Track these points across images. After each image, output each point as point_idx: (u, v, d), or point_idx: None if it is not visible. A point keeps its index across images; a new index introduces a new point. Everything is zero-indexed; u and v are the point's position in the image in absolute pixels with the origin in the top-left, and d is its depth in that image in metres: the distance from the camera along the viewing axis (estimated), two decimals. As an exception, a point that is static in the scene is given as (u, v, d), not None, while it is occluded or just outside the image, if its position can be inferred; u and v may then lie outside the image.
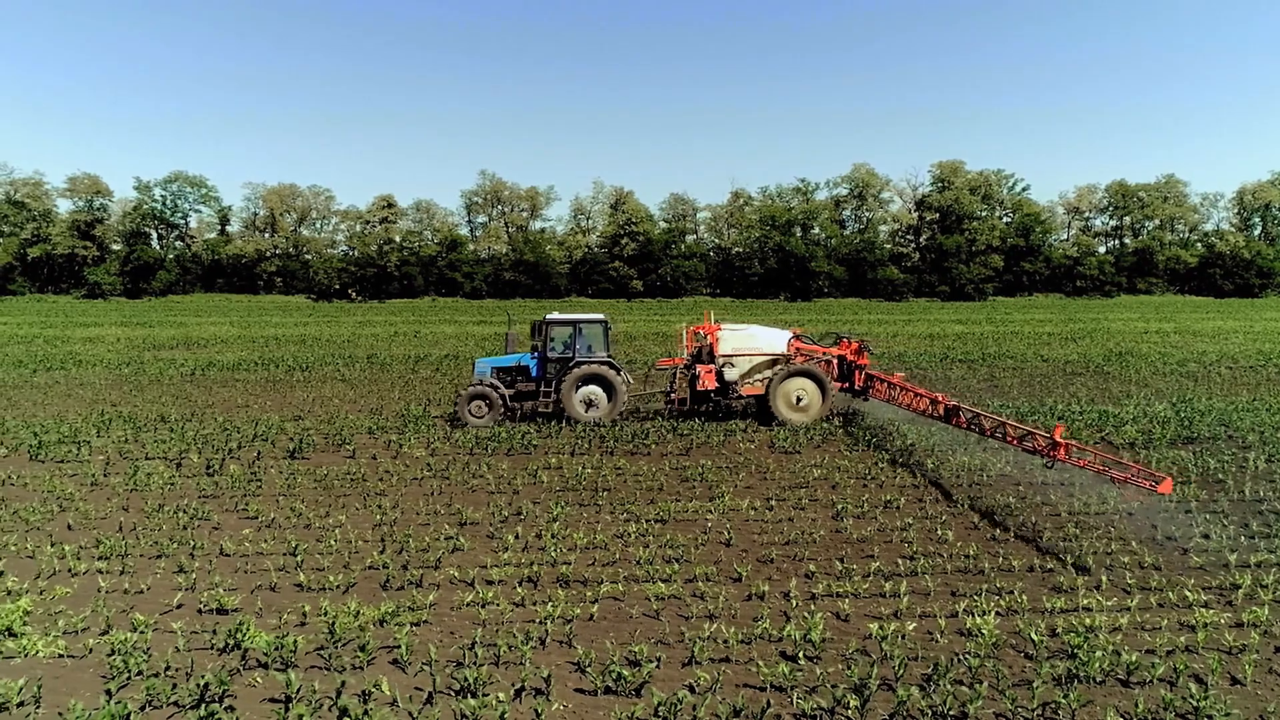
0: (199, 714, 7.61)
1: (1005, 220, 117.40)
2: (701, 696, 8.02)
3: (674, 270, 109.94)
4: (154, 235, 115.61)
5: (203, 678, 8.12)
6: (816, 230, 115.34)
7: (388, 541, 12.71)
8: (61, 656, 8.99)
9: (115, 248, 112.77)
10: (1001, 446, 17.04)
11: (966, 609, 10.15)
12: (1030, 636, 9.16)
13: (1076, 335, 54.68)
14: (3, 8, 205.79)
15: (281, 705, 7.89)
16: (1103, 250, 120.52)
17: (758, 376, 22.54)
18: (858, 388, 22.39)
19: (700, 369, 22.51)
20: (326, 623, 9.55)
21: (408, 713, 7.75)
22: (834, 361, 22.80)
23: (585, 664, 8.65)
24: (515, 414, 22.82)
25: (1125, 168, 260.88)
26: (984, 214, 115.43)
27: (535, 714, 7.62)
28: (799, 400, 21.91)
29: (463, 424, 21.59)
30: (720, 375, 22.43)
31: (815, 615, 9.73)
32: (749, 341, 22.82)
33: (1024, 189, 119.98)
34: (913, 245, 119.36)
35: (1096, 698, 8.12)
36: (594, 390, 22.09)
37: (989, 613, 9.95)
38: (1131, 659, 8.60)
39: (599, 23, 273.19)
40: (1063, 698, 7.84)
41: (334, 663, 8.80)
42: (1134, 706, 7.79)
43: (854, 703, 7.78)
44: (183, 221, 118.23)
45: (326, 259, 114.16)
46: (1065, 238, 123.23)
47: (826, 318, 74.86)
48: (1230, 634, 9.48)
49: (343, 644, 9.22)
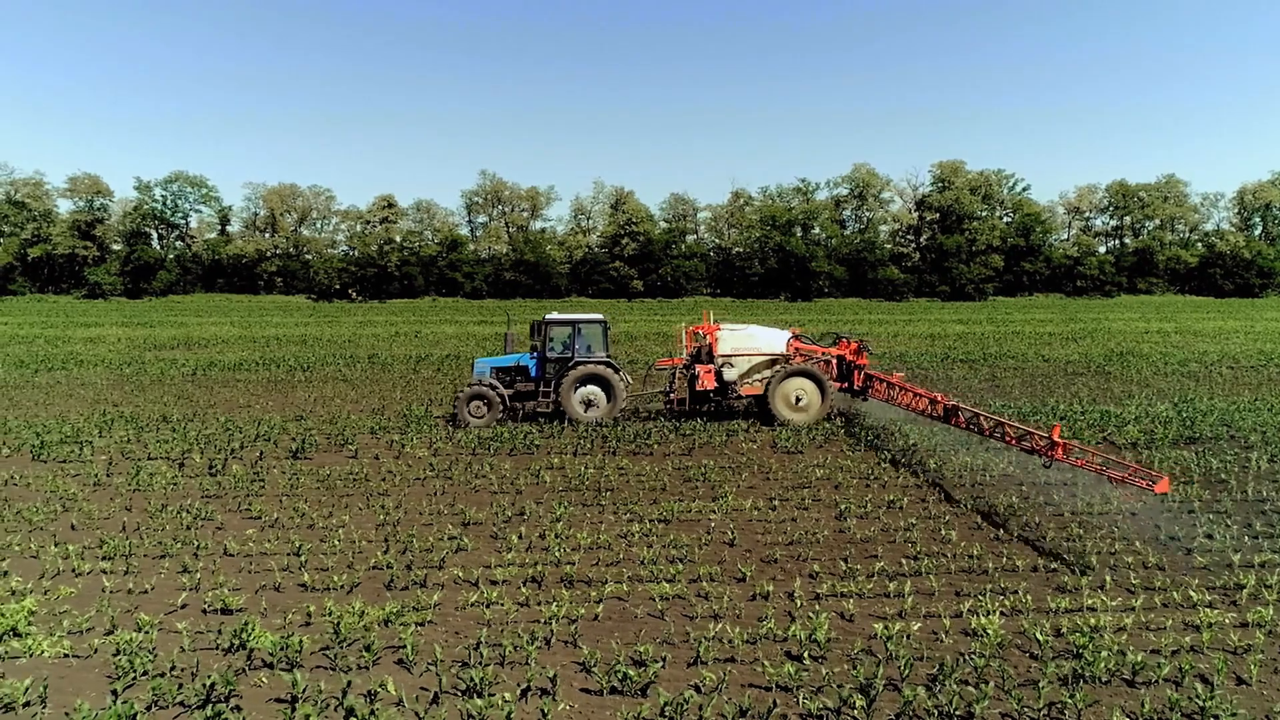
0: (205, 714, 7.61)
1: (1005, 220, 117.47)
2: (707, 696, 8.02)
3: (674, 270, 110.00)
4: (154, 235, 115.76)
5: (209, 678, 8.13)
6: (817, 230, 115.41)
7: (391, 541, 12.71)
8: (67, 656, 8.98)
9: (116, 248, 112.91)
10: (1003, 446, 17.04)
11: (971, 609, 10.15)
12: (1035, 636, 9.15)
13: (1077, 335, 54.68)
14: (3, 8, 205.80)
15: (287, 705, 7.89)
16: (1103, 250, 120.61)
17: (757, 377, 22.53)
18: (857, 388, 22.38)
19: (699, 369, 22.50)
20: (331, 623, 9.54)
21: (414, 713, 7.75)
22: (833, 361, 22.80)
23: (590, 664, 8.64)
24: (517, 414, 22.83)
25: (1125, 168, 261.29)
26: (984, 214, 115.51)
27: (541, 714, 7.63)
28: (798, 400, 21.90)
29: (462, 424, 21.60)
30: (719, 375, 22.42)
31: (820, 615, 9.72)
32: (748, 341, 22.81)
33: (1024, 189, 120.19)
34: (913, 245, 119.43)
35: (1102, 698, 8.12)
36: (593, 390, 22.08)
37: (994, 613, 9.95)
38: (1137, 659, 8.60)
39: (599, 23, 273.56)
40: (1068, 698, 7.84)
41: (339, 663, 8.79)
42: (1140, 707, 7.79)
43: (860, 703, 7.78)
44: (183, 221, 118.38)
45: (327, 259, 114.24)
46: (1065, 238, 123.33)
47: (827, 318, 74.86)
48: (1235, 634, 9.48)
49: (348, 644, 9.22)
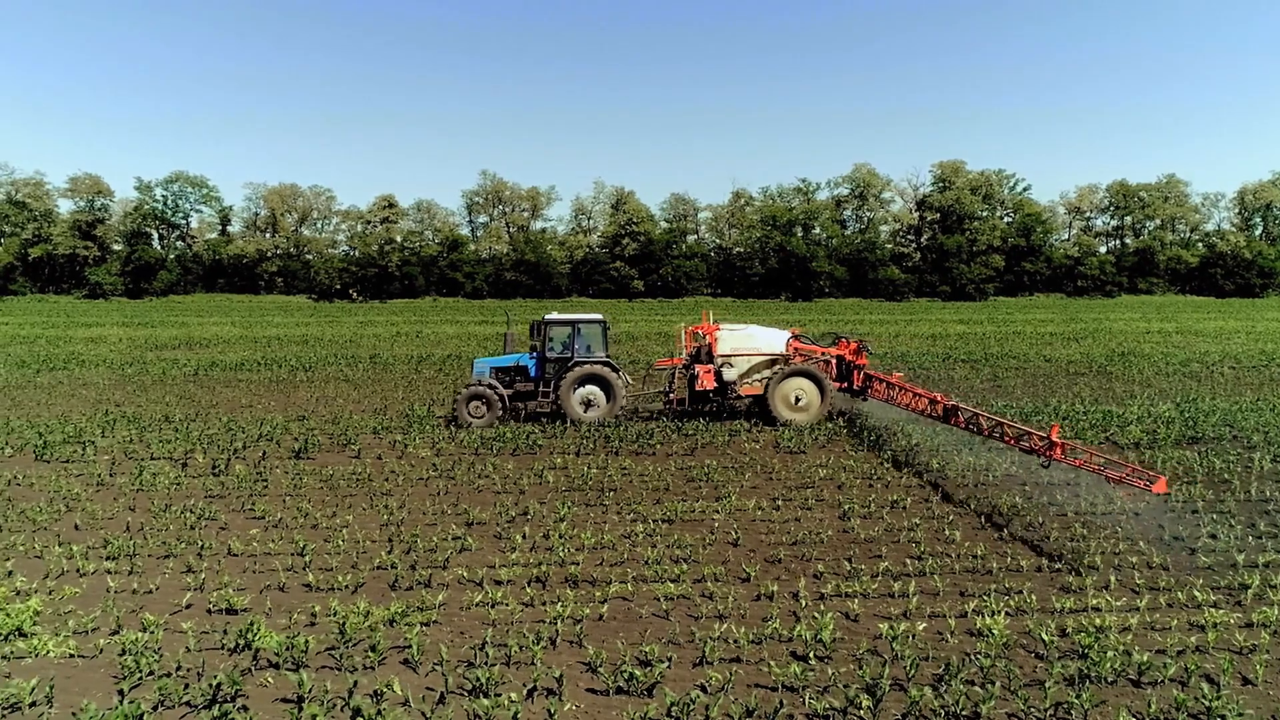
0: (212, 714, 7.61)
1: (1006, 220, 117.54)
2: (713, 697, 8.02)
3: (675, 270, 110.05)
4: (155, 235, 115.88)
5: (215, 678, 8.13)
6: (817, 230, 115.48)
7: (395, 541, 12.71)
8: (72, 656, 8.98)
9: (116, 248, 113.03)
10: (1005, 447, 17.04)
11: (976, 609, 10.14)
12: (1040, 637, 9.15)
13: (1078, 335, 54.69)
14: (3, 8, 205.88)
15: (294, 705, 7.89)
16: (1104, 250, 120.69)
17: (756, 377, 22.52)
18: (856, 387, 22.38)
19: (699, 369, 22.49)
20: (336, 623, 9.54)
21: (420, 713, 7.75)
22: (832, 361, 22.80)
23: (596, 664, 8.64)
24: (520, 414, 22.83)
25: (1126, 168, 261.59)
26: (985, 214, 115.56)
27: (548, 714, 7.63)
28: (797, 400, 21.90)
29: (462, 424, 21.58)
30: (719, 375, 22.41)
31: (825, 615, 9.70)
32: (747, 341, 22.81)
33: (1025, 189, 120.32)
34: (914, 245, 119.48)
35: (1109, 698, 8.12)
36: (593, 390, 22.07)
37: (999, 613, 9.95)
38: (1142, 659, 8.59)
39: (599, 23, 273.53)
40: (1075, 698, 7.83)
41: (345, 663, 8.79)
42: (1146, 707, 7.78)
43: (866, 703, 7.78)
44: (184, 221, 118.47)
45: (327, 259, 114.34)
46: (1066, 238, 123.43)
47: (828, 318, 74.88)
48: (1240, 634, 9.47)
49: (353, 644, 9.22)
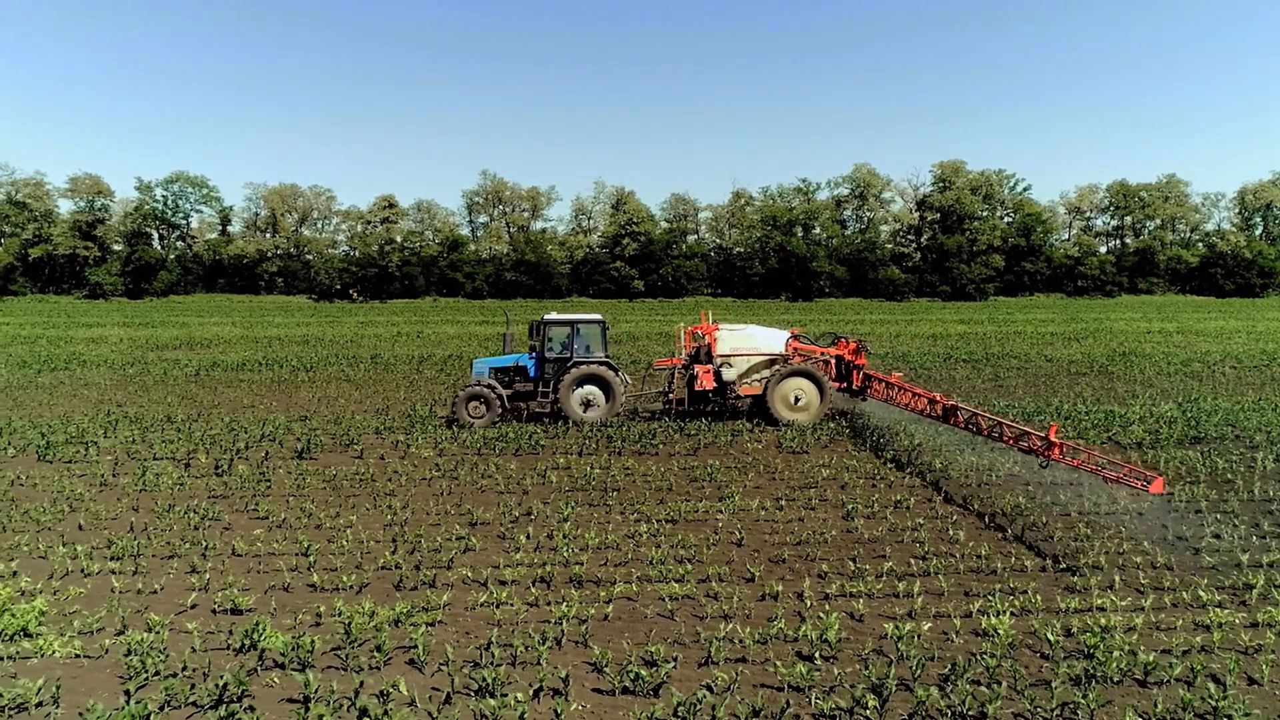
0: (218, 714, 7.61)
1: (1006, 220, 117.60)
2: (720, 697, 8.01)
3: (675, 270, 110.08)
4: (155, 235, 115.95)
5: (221, 678, 8.12)
6: (818, 230, 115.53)
7: (399, 542, 12.71)
8: (78, 656, 8.98)
9: (116, 248, 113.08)
10: (1008, 447, 17.04)
11: (981, 609, 10.14)
12: (1046, 637, 9.15)
13: (1079, 335, 54.70)
14: (3, 8, 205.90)
15: (300, 705, 7.89)
16: (1104, 250, 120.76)
17: (756, 377, 22.52)
18: (855, 387, 22.39)
19: (698, 369, 22.48)
20: (342, 623, 9.55)
21: (427, 713, 7.75)
22: (831, 361, 22.81)
23: (602, 664, 8.64)
24: (522, 414, 22.82)
25: (1126, 168, 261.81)
26: (985, 214, 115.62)
27: (555, 714, 7.63)
28: (797, 400, 21.90)
29: (462, 425, 21.55)
30: (718, 375, 22.42)
31: (830, 615, 9.71)
32: (747, 341, 22.81)
33: (1025, 189, 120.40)
34: (914, 245, 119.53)
35: (1115, 698, 8.12)
36: (592, 390, 22.06)
37: (1004, 613, 9.95)
38: (1148, 659, 8.59)
39: (599, 23, 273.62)
40: (1081, 698, 7.84)
41: (351, 663, 8.79)
42: (1153, 707, 7.78)
43: (873, 703, 7.78)
44: (184, 222, 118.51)
45: (328, 259, 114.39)
46: (1066, 238, 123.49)
47: (828, 318, 74.89)
48: (1246, 634, 9.47)
49: (359, 644, 9.22)
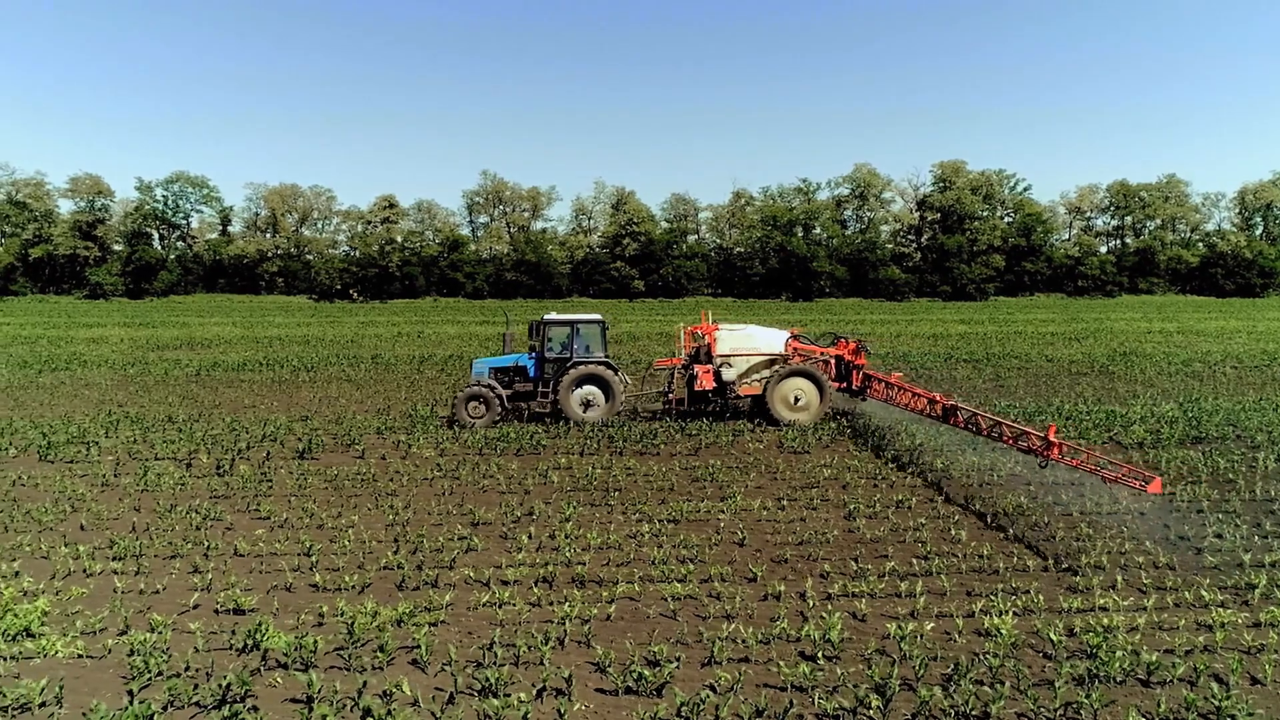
0: (222, 714, 7.61)
1: (1007, 220, 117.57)
2: (723, 697, 8.01)
3: (675, 270, 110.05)
4: (155, 236, 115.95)
5: (224, 678, 8.13)
6: (818, 230, 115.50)
7: (401, 542, 12.71)
8: (81, 657, 8.98)
9: (117, 248, 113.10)
10: (1009, 446, 17.03)
11: (983, 609, 10.14)
12: (1049, 636, 9.15)
13: (1080, 335, 54.68)
14: (3, 8, 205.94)
15: (304, 705, 7.89)
16: (1104, 250, 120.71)
17: (755, 377, 22.52)
18: (855, 387, 22.39)
19: (698, 369, 22.48)
20: (344, 623, 9.55)
21: (430, 713, 7.75)
22: (831, 361, 22.81)
23: (605, 664, 8.64)
24: (523, 414, 22.81)
25: (1126, 167, 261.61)
26: (985, 214, 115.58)
27: (558, 714, 7.63)
28: (797, 400, 21.90)
29: (461, 425, 21.52)
30: (718, 375, 22.42)
31: (832, 615, 9.71)
32: (746, 341, 22.81)
33: (1025, 189, 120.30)
34: (914, 245, 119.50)
35: (1118, 698, 8.12)
36: (591, 390, 22.05)
37: (1006, 613, 9.95)
38: (1151, 659, 8.59)
39: (599, 23, 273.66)
40: (1084, 697, 7.84)
41: (354, 663, 8.79)
42: (1156, 707, 7.78)
43: (876, 702, 7.78)
44: (184, 222, 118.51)
45: (328, 259, 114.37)
46: (1067, 238, 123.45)
47: (828, 318, 74.87)
48: (1249, 634, 9.47)
49: (361, 644, 9.22)
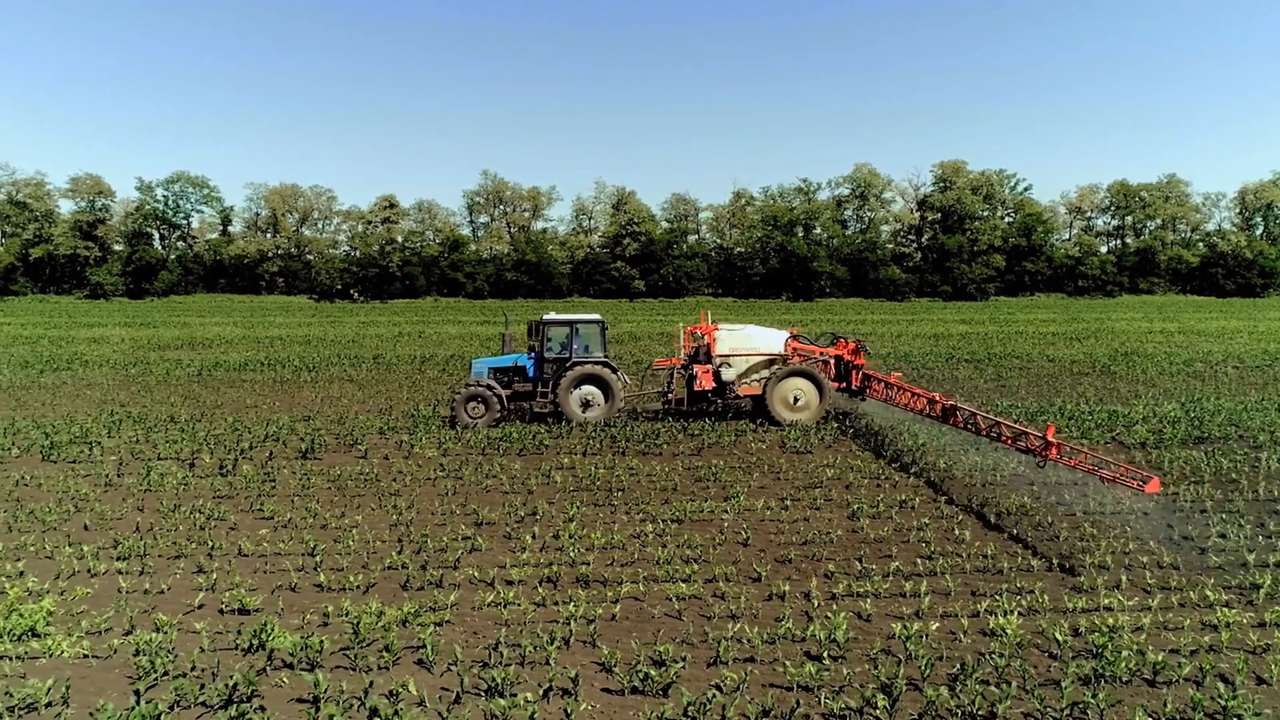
0: (229, 714, 7.62)
1: (1007, 220, 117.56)
2: (730, 696, 8.01)
3: (676, 270, 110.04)
4: (156, 236, 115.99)
5: (230, 678, 8.13)
6: (818, 230, 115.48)
7: (405, 542, 12.71)
8: (87, 657, 8.98)
9: (117, 248, 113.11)
10: (1007, 446, 17.02)
11: (988, 609, 10.15)
12: (1054, 636, 9.14)
13: (1081, 335, 54.67)
14: (3, 8, 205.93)
15: (310, 705, 7.89)
16: (1105, 250, 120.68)
17: (755, 377, 22.52)
18: (854, 387, 22.39)
19: (697, 369, 22.48)
20: (349, 623, 9.55)
21: (437, 713, 7.75)
22: (830, 361, 22.81)
23: (611, 664, 8.64)
24: (525, 414, 22.80)
25: (1127, 167, 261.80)
26: (986, 214, 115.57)
27: (564, 714, 7.63)
28: (796, 400, 21.90)
29: (461, 425, 21.48)
30: (717, 375, 22.42)
31: (837, 615, 9.70)
32: (746, 341, 22.81)
33: (1026, 189, 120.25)
34: (915, 245, 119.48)
35: (1124, 697, 8.12)
36: (591, 390, 22.04)
37: (1011, 613, 9.95)
38: (1157, 659, 8.59)
39: (599, 23, 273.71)
40: (1091, 697, 7.83)
41: (359, 663, 8.79)
42: (1162, 706, 7.79)
43: (883, 702, 7.78)
44: (185, 222, 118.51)
45: (328, 259, 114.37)
46: (1067, 237, 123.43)
47: (829, 318, 74.86)
48: (1254, 634, 9.47)
49: (367, 644, 9.22)
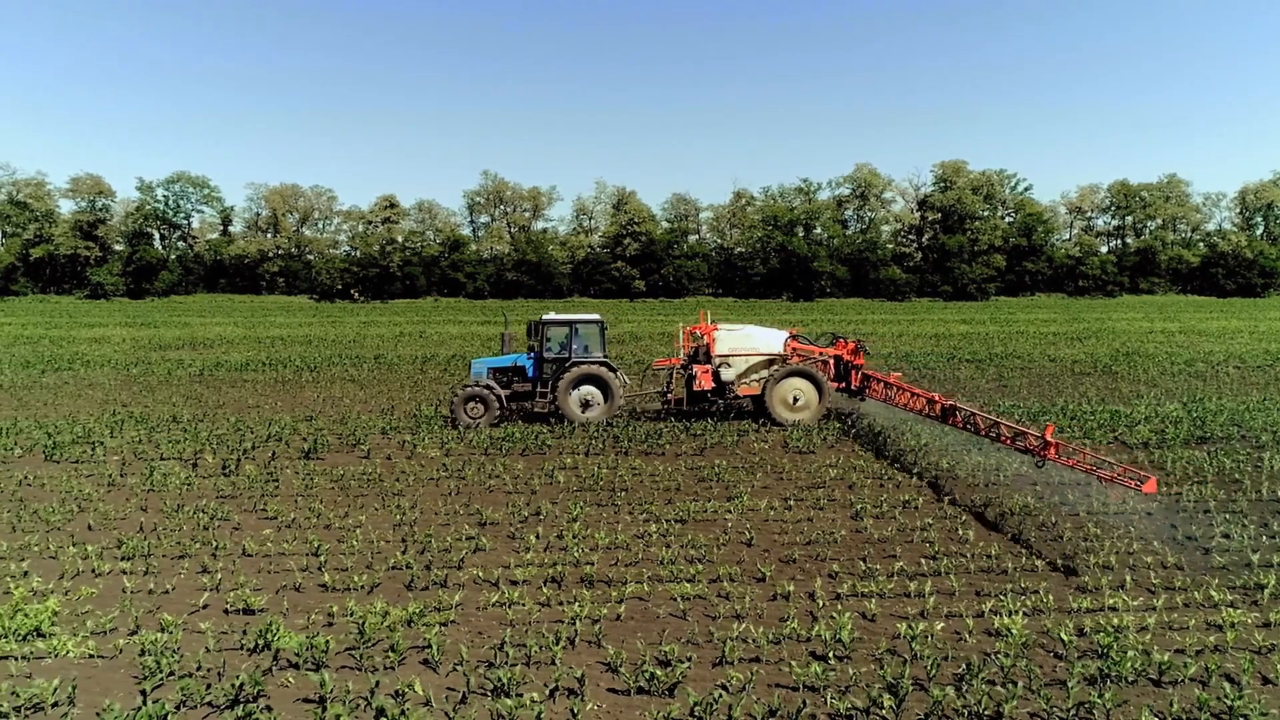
0: (235, 714, 7.62)
1: (1008, 220, 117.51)
2: (735, 696, 8.01)
3: (676, 270, 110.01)
4: (156, 236, 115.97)
5: (236, 678, 8.13)
6: (819, 230, 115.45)
7: (409, 542, 12.71)
8: (92, 657, 8.98)
9: (118, 248, 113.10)
10: (1006, 446, 17.02)
11: (993, 609, 10.15)
12: (1060, 636, 9.15)
13: (1081, 335, 54.67)
14: (3, 8, 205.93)
15: (316, 705, 7.89)
16: (1105, 250, 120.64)
17: (754, 376, 22.52)
18: (854, 387, 22.38)
19: (696, 369, 22.48)
20: (354, 623, 9.56)
21: (443, 713, 7.75)
22: (830, 361, 22.81)
23: (616, 664, 8.64)
24: (527, 414, 22.80)
25: (1127, 167, 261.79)
26: (986, 214, 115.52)
27: (571, 714, 7.64)
28: (795, 400, 21.90)
29: (460, 425, 21.45)
30: (717, 375, 22.42)
31: (842, 615, 9.70)
32: (745, 341, 22.81)
33: (1026, 189, 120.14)
34: (915, 245, 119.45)
35: (1130, 697, 8.12)
36: (590, 390, 22.04)
37: (1016, 613, 9.95)
38: (1162, 659, 8.59)
39: (599, 23, 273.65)
40: (1097, 697, 7.84)
41: (365, 663, 8.80)
42: (1168, 706, 7.79)
43: (889, 702, 7.78)
44: (185, 222, 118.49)
45: (329, 259, 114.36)
46: (1068, 237, 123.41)
47: (829, 318, 74.85)
48: (1259, 634, 9.47)
49: (372, 644, 9.23)
